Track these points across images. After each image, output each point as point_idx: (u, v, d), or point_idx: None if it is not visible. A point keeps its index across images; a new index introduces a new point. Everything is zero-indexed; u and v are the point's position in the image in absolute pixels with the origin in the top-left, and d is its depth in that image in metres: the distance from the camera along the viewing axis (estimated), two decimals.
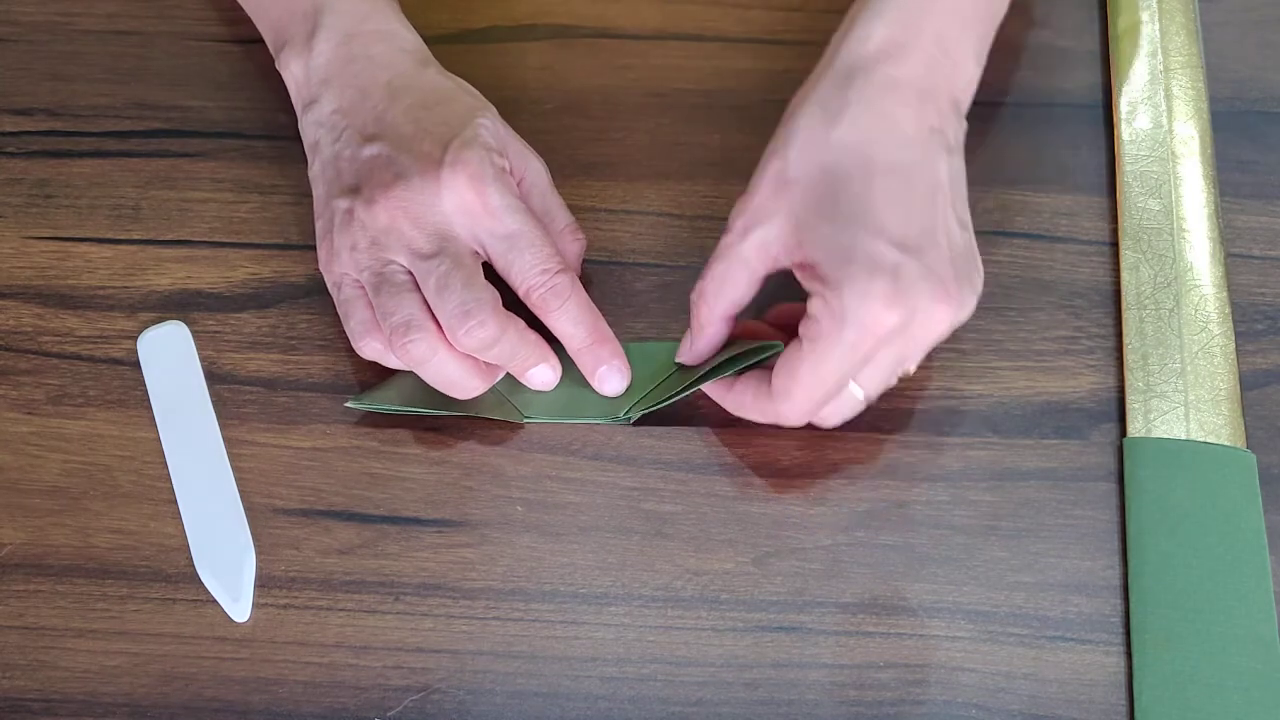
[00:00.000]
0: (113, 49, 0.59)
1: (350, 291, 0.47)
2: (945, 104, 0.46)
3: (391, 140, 0.47)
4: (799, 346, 0.43)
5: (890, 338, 0.42)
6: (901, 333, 0.42)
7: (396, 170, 0.46)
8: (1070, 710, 0.43)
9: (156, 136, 0.56)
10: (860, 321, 0.41)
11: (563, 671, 0.45)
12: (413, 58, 0.51)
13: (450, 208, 0.46)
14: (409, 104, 0.48)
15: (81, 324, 0.52)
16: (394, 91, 0.49)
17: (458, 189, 0.46)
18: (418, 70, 0.50)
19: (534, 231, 0.46)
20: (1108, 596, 0.45)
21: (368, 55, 0.50)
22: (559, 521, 0.47)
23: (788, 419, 0.45)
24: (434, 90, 0.49)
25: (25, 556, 0.47)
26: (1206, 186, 0.53)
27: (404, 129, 0.47)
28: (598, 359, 0.48)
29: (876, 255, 0.41)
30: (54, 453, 0.49)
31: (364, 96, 0.49)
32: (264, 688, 0.44)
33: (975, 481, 0.48)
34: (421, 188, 0.46)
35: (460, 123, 0.47)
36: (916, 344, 0.43)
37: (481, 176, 0.46)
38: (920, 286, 0.41)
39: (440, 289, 0.45)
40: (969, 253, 0.44)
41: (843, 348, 0.42)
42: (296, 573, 0.46)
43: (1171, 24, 0.58)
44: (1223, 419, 0.48)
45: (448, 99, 0.49)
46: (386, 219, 0.46)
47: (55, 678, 0.45)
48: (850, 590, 0.46)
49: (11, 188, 0.55)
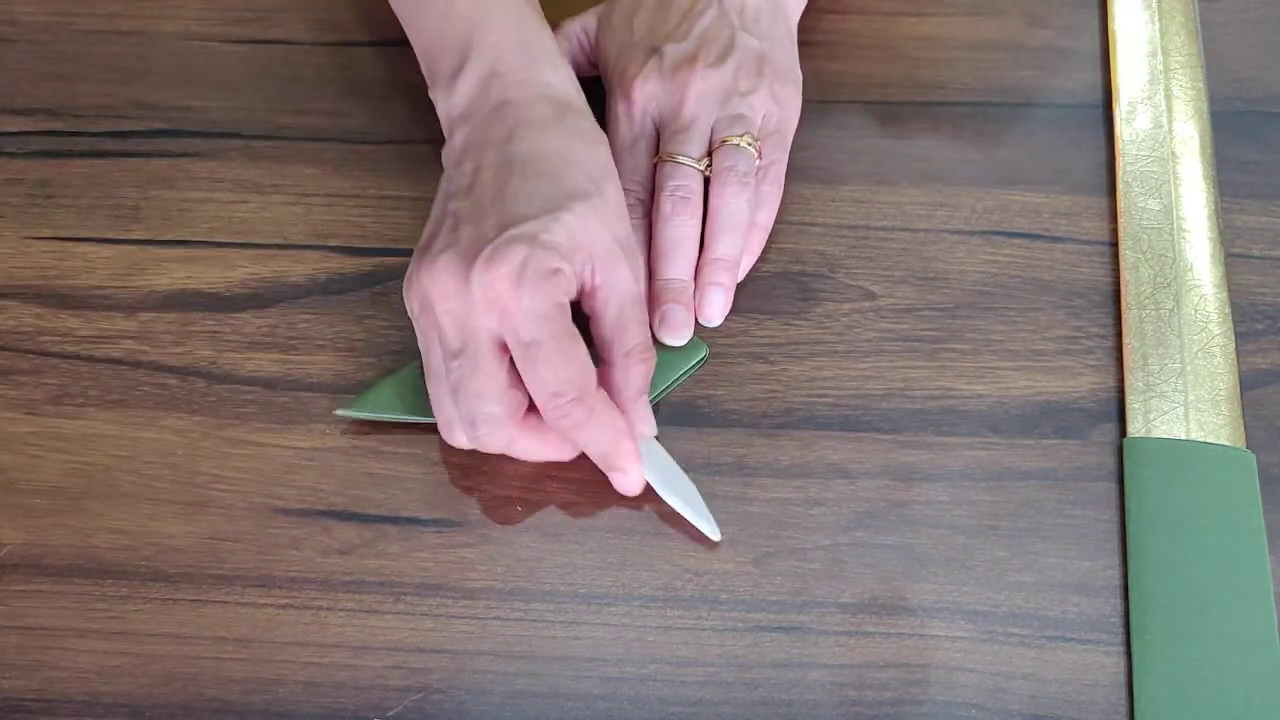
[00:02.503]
0: (113, 49, 0.59)
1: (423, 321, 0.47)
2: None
3: (470, 204, 0.46)
4: None
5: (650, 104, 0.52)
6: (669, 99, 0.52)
7: (451, 241, 0.45)
8: (1070, 710, 0.43)
9: (156, 136, 0.56)
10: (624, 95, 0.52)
11: (562, 671, 0.45)
12: (551, 105, 0.48)
13: (479, 301, 0.44)
14: (511, 163, 0.46)
15: (81, 324, 0.52)
16: (510, 140, 0.47)
17: (489, 283, 0.43)
18: (550, 122, 0.48)
19: (557, 346, 0.44)
20: (1108, 596, 0.45)
21: (504, 98, 0.48)
22: (559, 521, 0.47)
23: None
24: (547, 155, 0.47)
25: (25, 557, 0.47)
26: (1206, 186, 0.53)
27: (486, 194, 0.46)
28: (611, 467, 0.46)
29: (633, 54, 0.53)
30: (54, 453, 0.49)
31: (483, 140, 0.47)
32: (264, 688, 0.44)
33: (975, 481, 0.48)
34: (457, 273, 0.44)
35: (540, 208, 0.45)
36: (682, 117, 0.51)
37: (518, 276, 0.43)
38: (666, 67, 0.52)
39: (456, 389, 0.45)
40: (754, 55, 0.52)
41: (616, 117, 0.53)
42: (296, 573, 0.46)
43: (1171, 24, 0.58)
44: (1223, 419, 0.48)
45: (555, 172, 0.46)
46: (423, 294, 0.45)
47: (55, 678, 0.45)
48: (850, 590, 0.46)
49: (11, 187, 0.55)
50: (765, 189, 0.52)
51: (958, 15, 0.59)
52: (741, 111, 0.52)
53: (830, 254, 0.53)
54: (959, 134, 0.56)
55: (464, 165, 0.47)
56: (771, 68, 0.53)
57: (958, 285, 0.52)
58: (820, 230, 0.53)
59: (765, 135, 0.52)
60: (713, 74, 0.52)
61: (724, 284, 0.50)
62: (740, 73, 0.52)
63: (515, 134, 0.47)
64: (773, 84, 0.52)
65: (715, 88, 0.52)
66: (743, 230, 0.51)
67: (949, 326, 0.51)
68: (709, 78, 0.52)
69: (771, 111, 0.52)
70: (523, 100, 0.48)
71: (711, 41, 0.52)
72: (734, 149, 0.51)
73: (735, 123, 0.51)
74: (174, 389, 0.50)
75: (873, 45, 0.58)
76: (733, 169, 0.51)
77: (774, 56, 0.53)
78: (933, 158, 0.55)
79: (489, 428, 0.45)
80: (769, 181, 0.52)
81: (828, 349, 0.50)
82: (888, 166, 0.55)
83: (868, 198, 0.54)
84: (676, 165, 0.51)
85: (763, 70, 0.52)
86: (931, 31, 0.59)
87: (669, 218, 0.50)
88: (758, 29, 0.53)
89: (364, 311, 0.52)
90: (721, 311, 0.50)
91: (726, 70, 0.52)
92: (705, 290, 0.50)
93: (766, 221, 0.52)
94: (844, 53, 0.57)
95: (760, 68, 0.52)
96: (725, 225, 0.51)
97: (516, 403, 0.45)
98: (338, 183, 0.55)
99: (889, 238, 0.53)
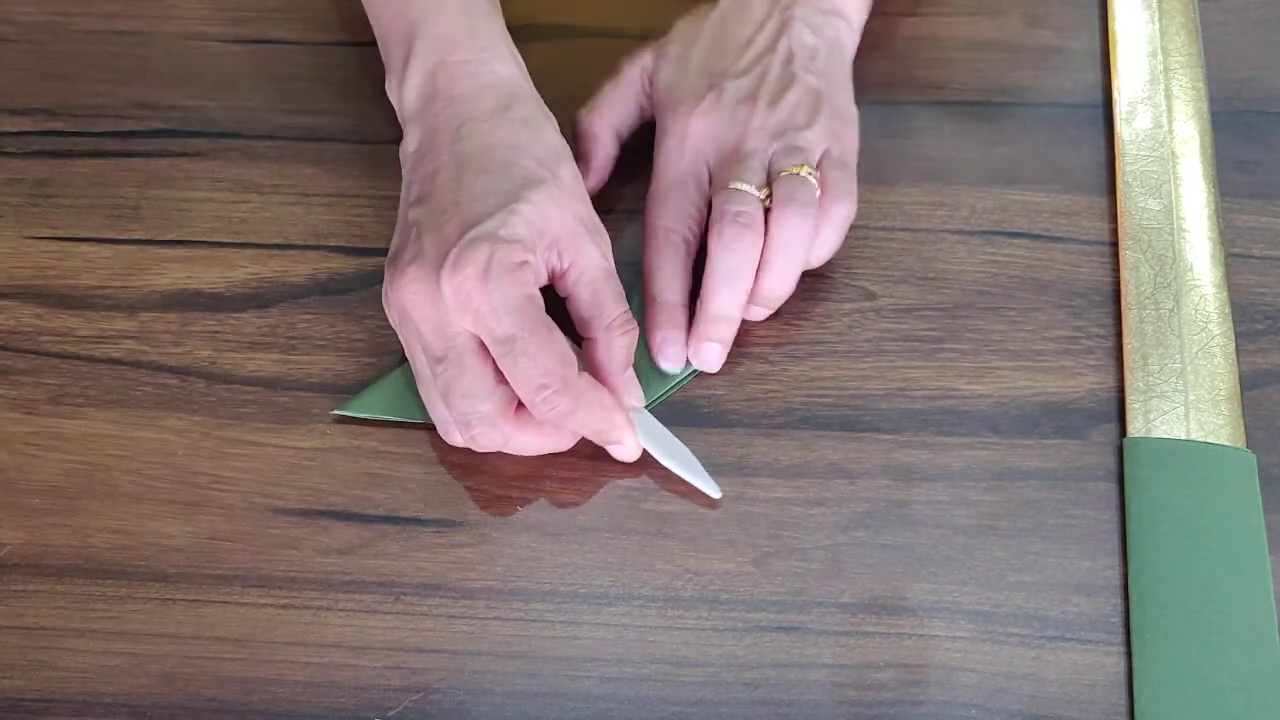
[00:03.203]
0: (112, 49, 0.59)
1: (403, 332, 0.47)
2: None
3: (429, 210, 0.46)
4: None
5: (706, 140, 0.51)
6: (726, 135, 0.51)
7: (417, 251, 0.45)
8: (1070, 710, 0.43)
9: (156, 136, 0.56)
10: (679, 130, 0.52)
11: (562, 671, 0.44)
12: (496, 96, 0.48)
13: (452, 304, 0.44)
14: (465, 161, 0.47)
15: (81, 324, 0.52)
16: (459, 140, 0.47)
17: (458, 286, 0.44)
18: (497, 113, 0.48)
19: (533, 338, 0.44)
20: (1108, 596, 0.45)
21: (450, 94, 0.48)
22: (559, 521, 0.47)
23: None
24: (496, 148, 0.47)
25: (24, 556, 0.47)
26: (1206, 186, 0.53)
27: (444, 198, 0.46)
28: (608, 441, 0.47)
29: (691, 86, 0.53)
30: (53, 453, 0.49)
31: (435, 140, 0.48)
32: (263, 688, 0.44)
33: (975, 481, 0.48)
34: (427, 281, 0.44)
35: (496, 203, 0.45)
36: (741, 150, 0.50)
37: (484, 275, 0.44)
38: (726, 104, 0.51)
39: (444, 393, 0.45)
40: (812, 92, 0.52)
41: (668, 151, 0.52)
42: (296, 573, 0.46)
43: (1171, 24, 0.58)
44: (1223, 419, 0.48)
45: (507, 163, 0.46)
46: (400, 306, 0.45)
47: (54, 678, 0.45)
48: (850, 590, 0.46)
49: (11, 187, 0.55)
50: (834, 219, 0.50)
51: (957, 15, 0.59)
52: (799, 144, 0.50)
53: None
54: (959, 134, 0.56)
55: (420, 169, 0.48)
56: (829, 105, 0.51)
57: (958, 285, 0.52)
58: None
59: (831, 166, 0.50)
60: (772, 111, 0.51)
61: (759, 319, 0.51)
62: (798, 110, 0.51)
63: (463, 131, 0.47)
64: (830, 121, 0.51)
65: (773, 124, 0.51)
66: (797, 265, 0.49)
67: (949, 326, 0.51)
68: (769, 114, 0.51)
69: (831, 146, 0.51)
70: (468, 94, 0.48)
71: (771, 79, 0.51)
72: (795, 179, 0.49)
73: (793, 154, 0.50)
74: (173, 389, 0.50)
75: (873, 45, 0.58)
76: (794, 198, 0.49)
77: (832, 95, 0.52)
78: (933, 157, 0.55)
79: (483, 427, 0.45)
80: (838, 213, 0.50)
81: (828, 349, 0.50)
82: (888, 166, 0.55)
83: (868, 197, 0.54)
84: (738, 192, 0.49)
85: (820, 108, 0.51)
86: (931, 31, 0.59)
87: (729, 244, 0.48)
88: (814, 67, 0.52)
89: (364, 311, 0.52)
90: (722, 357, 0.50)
91: (784, 107, 0.51)
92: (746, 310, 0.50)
93: (829, 243, 0.51)
94: None
95: (818, 105, 0.51)
96: (781, 253, 0.49)
97: (505, 399, 0.45)
98: (338, 183, 0.55)
99: (889, 238, 0.53)
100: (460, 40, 0.49)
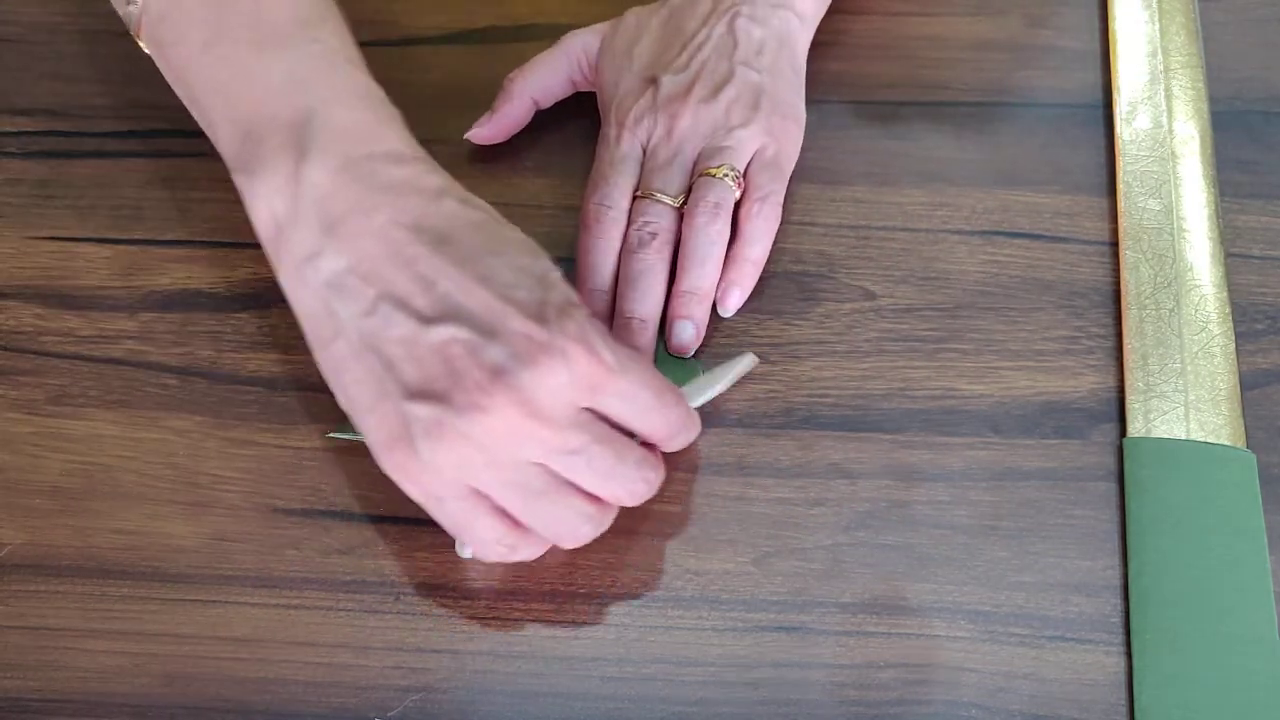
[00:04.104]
0: (114, 49, 0.59)
1: (466, 504, 0.41)
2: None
3: (463, 321, 0.39)
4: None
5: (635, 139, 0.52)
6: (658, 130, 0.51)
7: (489, 365, 0.38)
8: (1070, 710, 0.43)
9: (157, 136, 0.56)
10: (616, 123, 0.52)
11: (563, 671, 0.45)
12: (428, 185, 0.42)
13: (572, 389, 0.39)
14: (458, 260, 0.40)
15: (82, 324, 0.52)
16: (431, 242, 0.40)
17: (573, 368, 0.39)
18: (439, 205, 0.41)
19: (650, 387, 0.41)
20: (1108, 596, 0.45)
21: (381, 189, 0.40)
22: None
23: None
24: (475, 233, 0.41)
25: (26, 556, 0.47)
26: (1206, 186, 0.53)
27: (470, 303, 0.39)
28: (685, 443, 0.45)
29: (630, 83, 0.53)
30: (55, 453, 0.49)
31: (391, 253, 0.40)
32: (265, 688, 0.44)
33: (976, 481, 0.48)
34: (534, 381, 0.38)
35: (532, 277, 0.40)
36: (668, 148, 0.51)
37: (589, 341, 0.39)
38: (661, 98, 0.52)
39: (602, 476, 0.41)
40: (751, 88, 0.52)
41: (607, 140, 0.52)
42: (297, 573, 0.46)
43: (1171, 24, 0.58)
44: (1223, 419, 0.48)
45: (496, 244, 0.41)
46: (504, 427, 0.39)
47: (57, 678, 0.45)
48: (851, 590, 0.46)
49: (12, 188, 0.55)
50: (757, 223, 0.50)
51: (959, 15, 0.59)
52: (727, 144, 0.51)
53: (831, 254, 0.53)
54: (960, 134, 0.56)
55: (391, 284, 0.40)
56: (770, 101, 0.52)
57: (958, 285, 0.52)
58: (821, 230, 0.53)
59: (760, 168, 0.51)
60: (704, 108, 0.51)
61: (692, 317, 0.50)
62: (734, 106, 0.51)
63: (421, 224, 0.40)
64: (769, 118, 0.51)
65: (704, 121, 0.51)
66: (713, 262, 0.50)
67: (950, 326, 0.51)
68: (700, 111, 0.51)
69: (766, 144, 0.51)
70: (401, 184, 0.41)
71: (709, 74, 0.52)
72: (709, 181, 0.50)
73: (717, 154, 0.50)
74: (175, 389, 0.50)
75: (874, 45, 0.58)
76: (703, 199, 0.50)
77: (774, 90, 0.52)
78: (934, 158, 0.55)
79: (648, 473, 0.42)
80: (762, 215, 0.51)
81: (828, 349, 0.51)
82: (889, 166, 0.55)
83: (868, 198, 0.54)
84: (651, 203, 0.50)
85: (759, 104, 0.51)
86: (933, 32, 0.59)
87: (633, 251, 0.50)
88: (759, 62, 0.52)
89: None
90: (691, 344, 0.50)
91: (719, 104, 0.51)
92: (673, 323, 0.50)
93: (760, 255, 0.51)
94: (845, 53, 0.57)
95: (757, 101, 0.51)
96: (693, 256, 0.50)
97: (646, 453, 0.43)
98: None
99: (890, 238, 0.53)
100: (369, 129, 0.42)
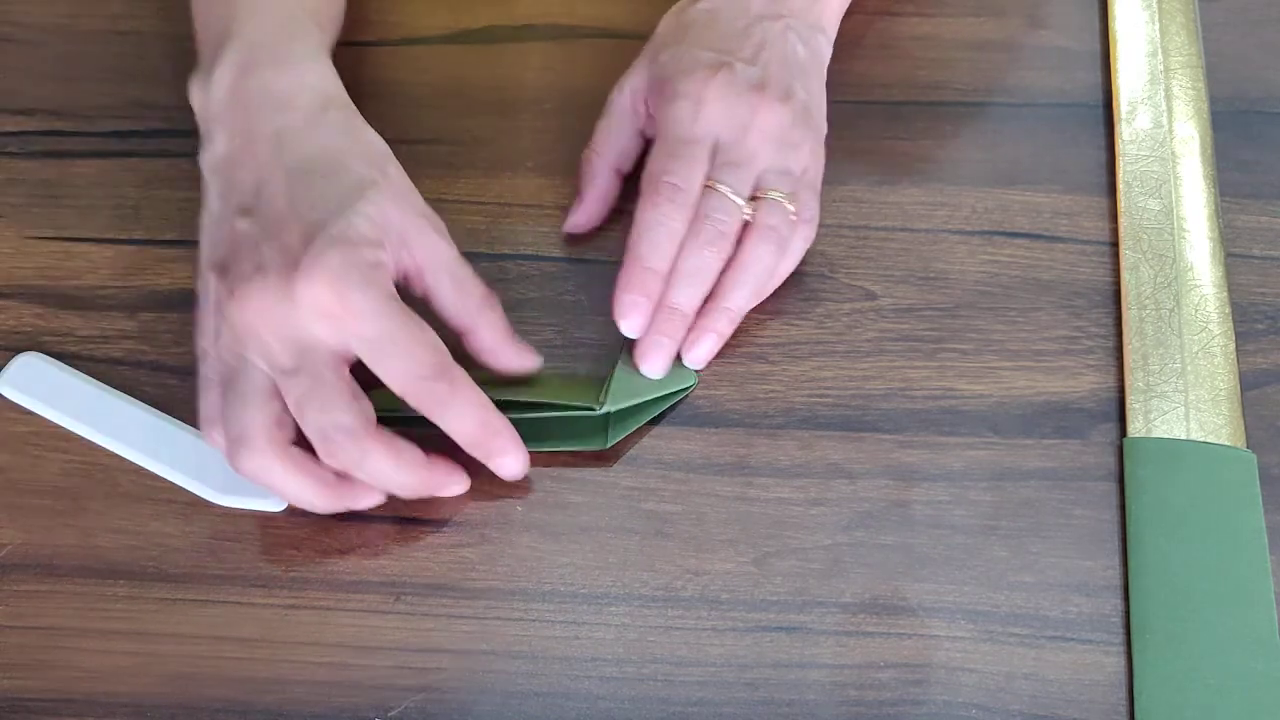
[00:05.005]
0: (115, 49, 0.59)
1: (207, 372, 0.45)
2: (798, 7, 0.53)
3: (262, 219, 0.44)
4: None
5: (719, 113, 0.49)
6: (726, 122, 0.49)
7: (258, 261, 0.43)
8: (1070, 710, 0.43)
9: (158, 136, 0.56)
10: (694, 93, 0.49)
11: (563, 671, 0.45)
12: (313, 98, 0.47)
13: (309, 314, 0.42)
14: (291, 169, 0.45)
15: (82, 324, 0.52)
16: (280, 147, 0.45)
17: (315, 294, 0.42)
18: (313, 119, 0.46)
19: (403, 332, 0.43)
20: (1108, 596, 0.45)
21: (264, 91, 0.46)
22: (559, 521, 0.47)
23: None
24: (322, 153, 0.45)
25: (26, 556, 0.47)
26: (1206, 186, 0.53)
27: (277, 204, 0.44)
28: (489, 452, 0.46)
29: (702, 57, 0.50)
30: (55, 453, 0.49)
31: (250, 146, 0.45)
32: (267, 688, 0.44)
33: (975, 481, 0.48)
34: (278, 291, 0.42)
35: (337, 206, 0.44)
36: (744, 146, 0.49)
37: (343, 279, 0.42)
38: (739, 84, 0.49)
39: (298, 409, 0.43)
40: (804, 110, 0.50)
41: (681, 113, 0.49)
42: (298, 573, 0.46)
43: (1171, 24, 0.58)
44: (1223, 419, 0.48)
45: (335, 168, 0.45)
46: (244, 320, 0.43)
47: (57, 678, 0.45)
48: (850, 590, 0.46)
49: (13, 187, 0.55)
50: (797, 244, 0.50)
51: (958, 15, 0.59)
52: (789, 166, 0.50)
53: (830, 254, 0.53)
54: (959, 134, 0.56)
55: (237, 177, 0.45)
56: (815, 124, 0.51)
57: (958, 285, 0.52)
58: (820, 230, 0.53)
59: (802, 187, 0.50)
60: (778, 110, 0.50)
61: (722, 332, 0.49)
62: (795, 125, 0.50)
63: (283, 138, 0.45)
64: (816, 141, 0.51)
65: (776, 129, 0.50)
66: (762, 288, 0.50)
67: (949, 326, 0.51)
68: (776, 113, 0.49)
69: (810, 166, 0.51)
70: (283, 92, 0.46)
71: (776, 79, 0.50)
72: (776, 206, 0.49)
73: (782, 178, 0.50)
74: (174, 389, 0.50)
75: (874, 45, 0.58)
76: (774, 229, 0.49)
77: (817, 113, 0.52)
78: (933, 158, 0.55)
79: (343, 439, 0.43)
80: (802, 236, 0.50)
81: (828, 349, 0.51)
82: (888, 166, 0.55)
83: (868, 198, 0.54)
84: (725, 199, 0.49)
85: (810, 125, 0.51)
86: (932, 31, 0.59)
87: (701, 245, 0.48)
88: (806, 84, 0.51)
89: None
90: (708, 357, 0.49)
91: (787, 113, 0.50)
92: (702, 333, 0.49)
93: (785, 272, 0.51)
94: (845, 53, 0.57)
95: (809, 123, 0.51)
96: (747, 278, 0.49)
97: (366, 412, 0.44)
98: None
99: (889, 238, 0.53)
100: (275, 40, 0.48)
